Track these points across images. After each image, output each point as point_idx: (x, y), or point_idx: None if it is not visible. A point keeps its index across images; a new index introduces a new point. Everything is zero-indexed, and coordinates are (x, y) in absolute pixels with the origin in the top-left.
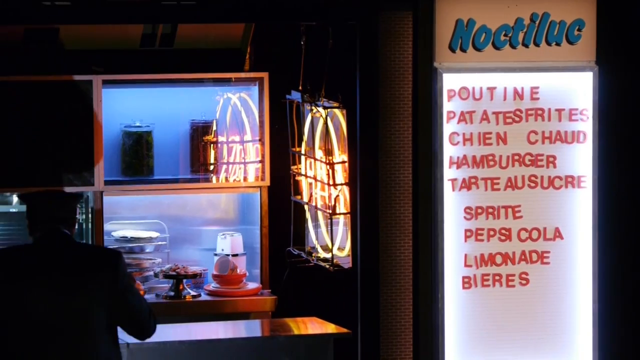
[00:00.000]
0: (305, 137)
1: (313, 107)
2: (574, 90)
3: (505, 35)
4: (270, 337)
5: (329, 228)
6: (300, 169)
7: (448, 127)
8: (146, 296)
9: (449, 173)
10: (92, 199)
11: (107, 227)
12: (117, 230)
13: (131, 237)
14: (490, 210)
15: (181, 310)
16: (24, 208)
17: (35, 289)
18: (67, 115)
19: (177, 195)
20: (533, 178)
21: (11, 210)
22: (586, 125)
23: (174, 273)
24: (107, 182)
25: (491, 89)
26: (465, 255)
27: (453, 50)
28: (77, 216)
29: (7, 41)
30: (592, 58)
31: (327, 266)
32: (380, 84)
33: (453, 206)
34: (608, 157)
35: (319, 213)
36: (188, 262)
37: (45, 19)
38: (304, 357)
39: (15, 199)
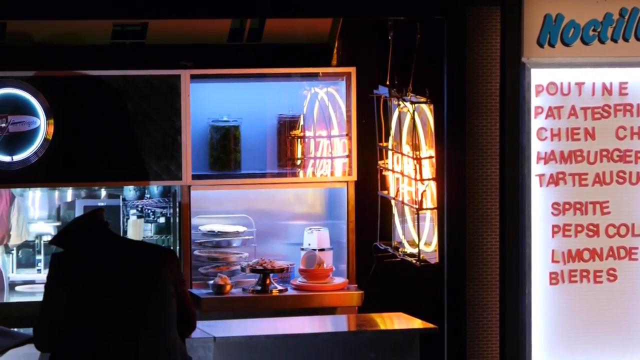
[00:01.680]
0: (392, 132)
1: (400, 102)
2: None
3: (594, 30)
4: (356, 332)
5: (416, 223)
6: (387, 163)
7: (536, 123)
8: (233, 290)
9: (536, 168)
10: (179, 194)
11: (194, 221)
12: (204, 224)
13: (218, 232)
14: (578, 205)
15: (267, 304)
16: (113, 202)
17: (107, 285)
18: (155, 110)
19: (264, 189)
20: (621, 174)
21: (99, 204)
22: None
23: (260, 267)
24: (194, 177)
25: (579, 84)
26: (553, 251)
27: (541, 46)
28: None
29: (96, 37)
30: None
31: (414, 261)
32: (468, 79)
33: (540, 202)
34: None
35: (406, 208)
36: (275, 256)
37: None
38: (390, 352)
39: (104, 192)
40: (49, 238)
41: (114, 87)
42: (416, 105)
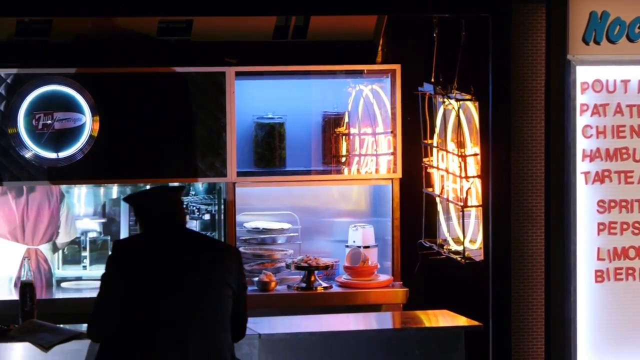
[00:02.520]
0: (437, 129)
1: (445, 99)
2: None
3: None
4: (401, 330)
5: (461, 220)
6: (432, 161)
7: (581, 120)
8: (278, 287)
9: (581, 166)
10: (224, 190)
11: (239, 218)
12: (249, 221)
13: (263, 229)
14: (624, 203)
15: (312, 301)
16: None
17: (165, 278)
18: (200, 106)
19: (309, 187)
20: None
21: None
22: None
23: (305, 264)
24: (239, 174)
25: (625, 82)
26: (598, 248)
27: (586, 43)
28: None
29: (141, 33)
30: None
31: (459, 259)
32: (513, 76)
33: (586, 199)
34: None
35: (451, 205)
36: (319, 253)
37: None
38: (434, 349)
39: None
40: (95, 235)
41: (159, 84)
42: (461, 102)
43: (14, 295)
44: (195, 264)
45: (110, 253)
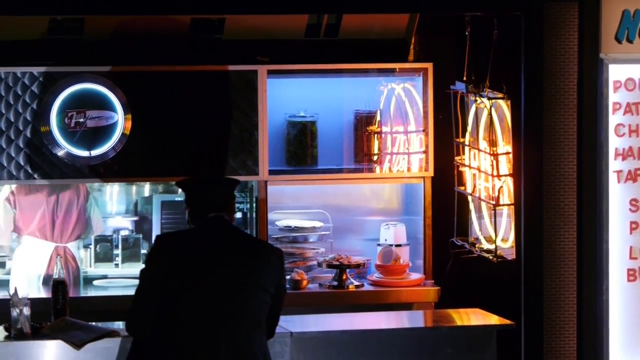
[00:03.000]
0: (469, 128)
1: (477, 98)
2: None
3: None
4: (432, 328)
5: (493, 219)
6: (464, 159)
7: (614, 119)
8: (310, 285)
9: (614, 165)
10: (256, 189)
11: (270, 216)
12: (281, 219)
13: (295, 227)
14: None
15: (344, 300)
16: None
17: (203, 276)
18: (232, 105)
19: (340, 185)
20: None
21: (176, 199)
22: None
23: (337, 263)
24: (271, 172)
25: None
26: (631, 247)
27: (619, 41)
28: (236, 202)
29: (174, 31)
30: None
31: (491, 257)
32: (545, 75)
33: (618, 198)
34: None
35: (483, 204)
36: (351, 252)
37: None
38: (466, 348)
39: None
40: (127, 233)
41: (191, 82)
42: (493, 101)
43: (43, 293)
44: (235, 266)
45: (151, 247)
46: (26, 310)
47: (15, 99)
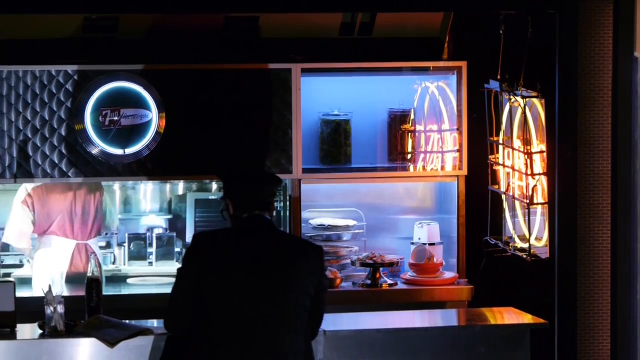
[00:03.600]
0: (503, 126)
1: (511, 96)
2: None
3: None
4: (466, 327)
5: (526, 218)
6: (497, 158)
7: None
8: (343, 284)
9: None
10: (290, 187)
11: (304, 214)
12: (315, 218)
13: (328, 225)
14: None
15: (377, 298)
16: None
17: (243, 277)
18: (266, 103)
19: (374, 183)
20: None
21: (210, 197)
22: None
23: (370, 261)
24: (305, 170)
25: None
26: None
27: None
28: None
29: (208, 29)
30: None
31: (524, 256)
32: (579, 73)
33: None
34: None
35: (517, 203)
36: (385, 250)
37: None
38: (500, 347)
39: (214, 185)
40: (160, 231)
41: (225, 81)
42: (527, 99)
43: (66, 291)
44: (274, 267)
45: (188, 246)
46: (60, 308)
47: (50, 97)
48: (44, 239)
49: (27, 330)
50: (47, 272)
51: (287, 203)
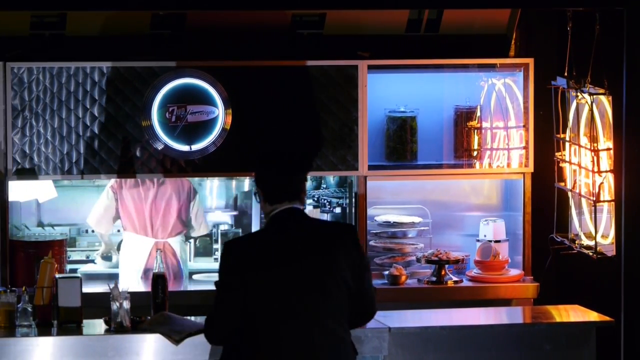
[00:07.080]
0: (569, 124)
1: (578, 94)
2: None
3: None
4: (531, 325)
5: (593, 215)
6: (564, 155)
7: None
8: (408, 281)
9: None
10: (355, 184)
11: (369, 211)
12: (380, 215)
13: (394, 222)
14: None
15: (443, 295)
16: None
17: (286, 272)
18: (333, 100)
19: (440, 180)
20: None
21: None
22: None
23: (436, 258)
24: (370, 167)
25: None
26: None
27: None
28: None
29: (274, 26)
30: None
31: (590, 254)
32: None
33: None
34: None
35: (583, 200)
36: (450, 247)
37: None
38: (565, 345)
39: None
40: (226, 227)
41: (291, 78)
42: (594, 96)
43: (142, 287)
44: (311, 257)
45: (221, 256)
46: (126, 304)
47: (116, 94)
48: (125, 235)
49: (93, 326)
50: (129, 267)
51: (353, 200)
